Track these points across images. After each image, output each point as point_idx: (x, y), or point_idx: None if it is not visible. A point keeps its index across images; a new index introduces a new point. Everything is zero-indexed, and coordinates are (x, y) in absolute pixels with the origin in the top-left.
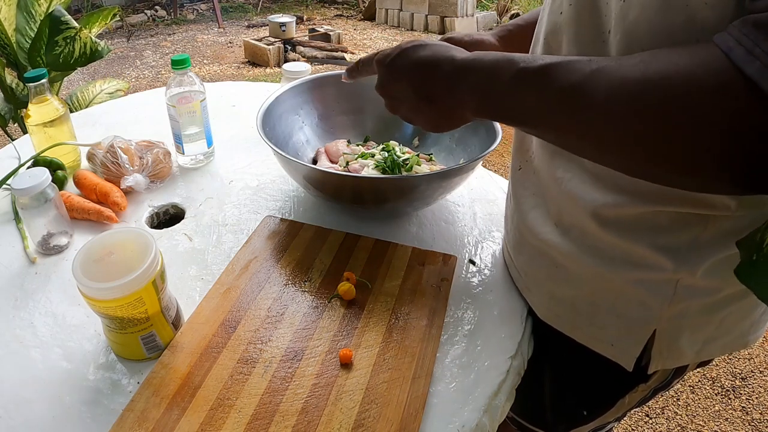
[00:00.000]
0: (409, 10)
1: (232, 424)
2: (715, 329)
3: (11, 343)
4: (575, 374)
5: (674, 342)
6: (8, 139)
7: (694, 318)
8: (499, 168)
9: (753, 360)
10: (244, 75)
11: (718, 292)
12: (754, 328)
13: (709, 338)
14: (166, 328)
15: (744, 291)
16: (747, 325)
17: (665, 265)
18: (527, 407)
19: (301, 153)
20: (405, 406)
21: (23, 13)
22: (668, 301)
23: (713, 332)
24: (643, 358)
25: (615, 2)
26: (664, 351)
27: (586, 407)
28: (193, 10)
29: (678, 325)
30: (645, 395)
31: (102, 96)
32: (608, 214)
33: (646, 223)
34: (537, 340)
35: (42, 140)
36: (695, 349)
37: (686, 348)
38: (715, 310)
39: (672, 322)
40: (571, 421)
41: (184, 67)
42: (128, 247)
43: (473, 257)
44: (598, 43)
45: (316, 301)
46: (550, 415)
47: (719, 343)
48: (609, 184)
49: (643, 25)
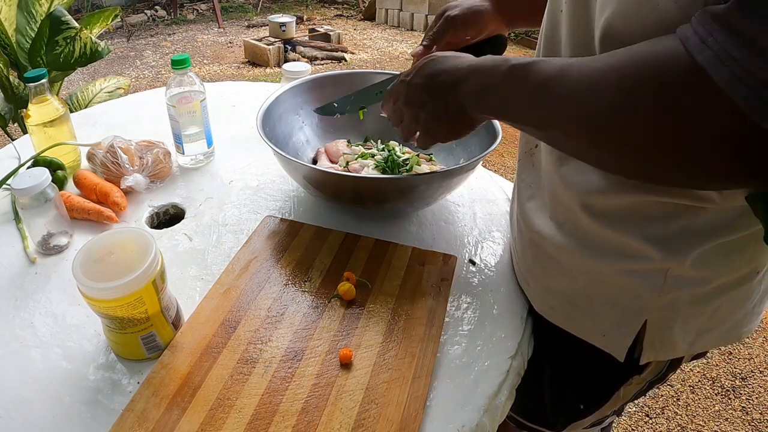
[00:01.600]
0: (409, 10)
1: (232, 424)
2: (707, 320)
3: (11, 343)
4: (572, 369)
5: (666, 333)
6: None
7: (685, 308)
8: (499, 168)
9: (753, 360)
10: (244, 75)
11: (709, 283)
12: (747, 319)
13: (702, 330)
14: (166, 328)
15: (735, 281)
16: (740, 316)
17: (653, 255)
18: (527, 406)
19: (301, 153)
20: (405, 406)
21: (24, 13)
22: (658, 291)
23: (706, 323)
24: (636, 349)
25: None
26: (656, 342)
27: (583, 401)
28: (193, 10)
29: (669, 315)
30: (640, 388)
31: (101, 95)
32: (597, 203)
33: (636, 213)
34: (537, 339)
35: (42, 140)
36: (688, 341)
37: (678, 339)
38: (706, 301)
39: (663, 312)
40: (569, 415)
41: (184, 67)
42: (128, 247)
43: (473, 257)
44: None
45: (316, 301)
46: (550, 411)
47: (712, 334)
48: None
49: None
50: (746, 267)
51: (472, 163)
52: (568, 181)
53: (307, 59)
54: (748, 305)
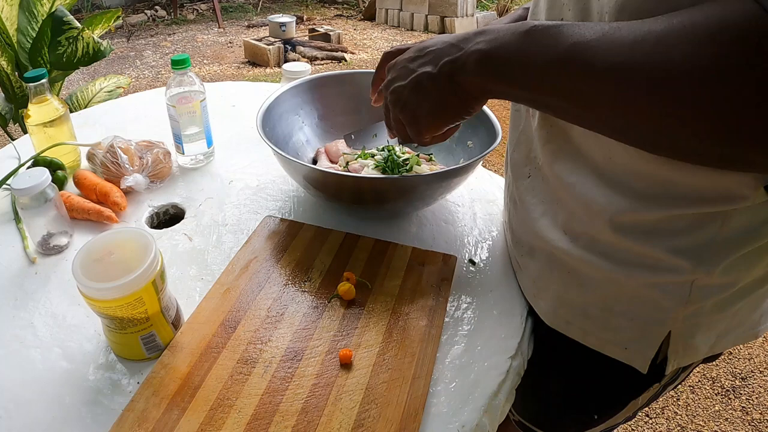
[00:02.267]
0: (409, 10)
1: (232, 424)
2: (728, 323)
3: (11, 343)
4: (585, 378)
5: (689, 340)
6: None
7: (709, 315)
8: (499, 168)
9: (753, 360)
10: (244, 75)
11: (733, 287)
12: (764, 318)
13: (722, 332)
14: (166, 328)
15: (755, 283)
16: (757, 316)
17: (683, 266)
18: (534, 411)
19: (301, 153)
20: (405, 406)
21: (25, 13)
22: (683, 303)
23: (726, 326)
24: (657, 358)
25: None
26: (680, 350)
27: (597, 411)
28: (193, 10)
29: (693, 323)
30: (655, 392)
31: (101, 95)
32: (625, 220)
33: (664, 227)
34: (537, 342)
35: (42, 140)
36: (709, 344)
37: (701, 344)
38: (728, 305)
39: (687, 321)
40: (580, 424)
41: (184, 67)
42: (128, 247)
43: (473, 257)
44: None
45: (316, 301)
46: (558, 418)
47: (731, 335)
48: (624, 189)
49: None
50: (765, 268)
51: (472, 163)
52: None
53: (307, 59)
54: (766, 304)
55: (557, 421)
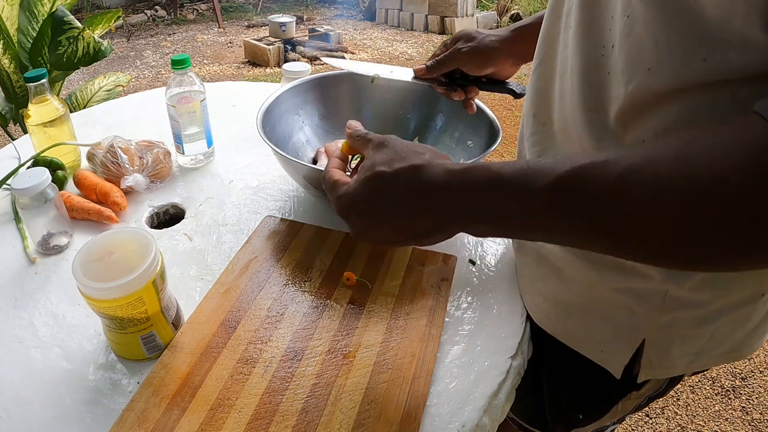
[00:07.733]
0: (409, 10)
1: (232, 424)
2: (707, 341)
3: (11, 343)
4: (570, 378)
5: (664, 352)
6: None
7: (684, 329)
8: None
9: (753, 360)
10: (244, 75)
11: (708, 305)
12: (748, 340)
13: (701, 350)
14: (166, 328)
15: (737, 303)
16: (740, 337)
17: (653, 275)
18: (526, 408)
19: (301, 153)
20: (405, 406)
21: (26, 13)
22: (657, 311)
23: (705, 344)
24: (633, 367)
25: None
26: (653, 361)
27: (582, 411)
28: (193, 10)
29: (667, 335)
30: (639, 402)
31: (101, 94)
32: None
33: None
34: (534, 341)
35: (42, 140)
36: (687, 360)
37: (677, 359)
38: (705, 323)
39: (661, 331)
40: (568, 423)
41: (184, 67)
42: (128, 247)
43: (473, 257)
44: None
45: (316, 301)
46: (549, 416)
47: (712, 354)
48: None
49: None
50: (748, 289)
51: None
52: None
53: (307, 59)
54: (749, 326)
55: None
